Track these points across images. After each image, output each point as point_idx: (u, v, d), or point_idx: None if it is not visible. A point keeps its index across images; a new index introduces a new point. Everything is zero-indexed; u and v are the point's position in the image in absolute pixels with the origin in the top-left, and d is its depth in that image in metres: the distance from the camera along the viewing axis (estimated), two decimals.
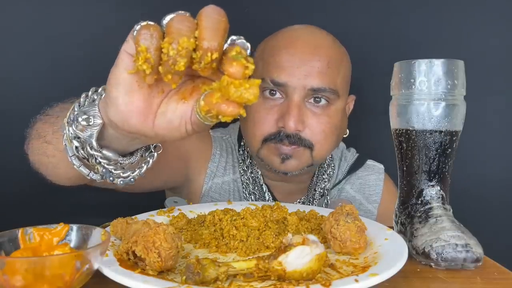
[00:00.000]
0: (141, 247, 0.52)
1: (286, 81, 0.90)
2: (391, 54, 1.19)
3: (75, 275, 0.46)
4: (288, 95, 0.91)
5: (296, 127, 0.89)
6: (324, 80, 0.90)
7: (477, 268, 0.61)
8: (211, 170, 1.04)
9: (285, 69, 0.90)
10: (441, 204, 0.67)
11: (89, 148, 0.57)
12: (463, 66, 0.68)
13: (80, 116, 0.55)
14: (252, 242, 0.65)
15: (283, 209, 0.75)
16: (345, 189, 1.10)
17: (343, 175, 1.10)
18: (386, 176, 1.13)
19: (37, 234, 0.53)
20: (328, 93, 0.91)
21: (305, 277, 0.49)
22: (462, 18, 1.30)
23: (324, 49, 0.92)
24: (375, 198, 1.10)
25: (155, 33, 0.45)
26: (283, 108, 0.91)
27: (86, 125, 0.55)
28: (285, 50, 0.92)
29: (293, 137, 0.90)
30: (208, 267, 0.49)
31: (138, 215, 0.73)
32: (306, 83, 0.89)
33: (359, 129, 1.21)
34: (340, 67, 0.94)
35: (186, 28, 0.45)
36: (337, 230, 0.62)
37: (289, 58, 0.90)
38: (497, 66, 1.31)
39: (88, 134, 0.55)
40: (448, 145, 0.68)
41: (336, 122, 0.95)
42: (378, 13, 1.31)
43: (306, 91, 0.90)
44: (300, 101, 0.90)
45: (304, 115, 0.91)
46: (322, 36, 0.95)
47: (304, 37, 0.94)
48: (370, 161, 1.14)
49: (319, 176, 1.07)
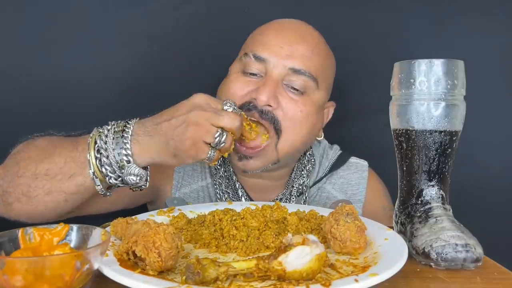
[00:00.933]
0: (141, 247, 0.52)
1: (268, 57, 0.90)
2: (391, 54, 1.19)
3: (75, 275, 0.46)
4: (267, 72, 0.90)
5: (268, 101, 0.87)
6: (305, 64, 0.90)
7: (477, 268, 0.61)
8: (176, 181, 1.02)
9: (269, 47, 0.91)
10: (441, 204, 0.67)
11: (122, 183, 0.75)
12: (463, 66, 0.68)
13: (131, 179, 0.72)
14: (252, 242, 0.65)
15: (283, 209, 0.75)
16: (326, 189, 1.06)
17: (324, 172, 1.06)
18: (370, 172, 1.09)
19: (37, 234, 0.53)
20: (307, 77, 0.90)
21: (305, 277, 0.49)
22: (462, 18, 1.30)
23: (311, 38, 0.94)
24: (359, 197, 1.06)
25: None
26: (259, 83, 0.90)
27: (139, 181, 0.73)
28: (273, 31, 0.94)
29: (266, 113, 0.88)
30: (208, 267, 0.49)
31: (138, 215, 0.73)
32: (287, 63, 0.90)
33: (359, 129, 1.21)
34: (324, 59, 0.95)
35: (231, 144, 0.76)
36: (337, 230, 0.62)
37: (275, 37, 0.92)
38: (497, 66, 1.31)
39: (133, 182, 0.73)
40: (448, 145, 0.68)
41: (310, 114, 0.92)
42: (378, 13, 1.31)
43: (286, 71, 0.90)
44: (277, 79, 0.90)
45: (279, 94, 0.89)
46: (311, 29, 0.97)
47: (293, 25, 0.96)
48: (353, 158, 1.10)
49: (297, 172, 1.02)
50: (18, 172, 0.74)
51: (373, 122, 1.22)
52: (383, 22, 1.31)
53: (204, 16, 1.26)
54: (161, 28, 1.26)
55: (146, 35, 1.25)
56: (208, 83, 1.32)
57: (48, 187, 0.73)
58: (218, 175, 1.00)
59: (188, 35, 1.27)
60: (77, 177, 0.73)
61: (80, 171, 0.72)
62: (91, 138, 0.73)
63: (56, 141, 0.78)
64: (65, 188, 0.73)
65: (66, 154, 0.73)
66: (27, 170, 0.73)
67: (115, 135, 0.72)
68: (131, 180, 0.72)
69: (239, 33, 1.02)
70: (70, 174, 0.73)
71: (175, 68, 1.27)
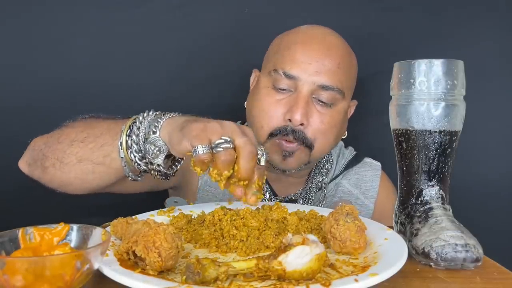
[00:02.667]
0: (141, 247, 0.52)
1: (297, 75, 0.94)
2: (391, 54, 1.19)
3: (75, 275, 0.46)
4: (297, 88, 0.95)
5: (301, 120, 0.92)
6: (333, 79, 0.94)
7: (477, 268, 0.61)
8: None
9: (298, 63, 0.94)
10: (440, 204, 0.67)
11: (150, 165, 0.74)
12: (463, 66, 0.68)
13: (151, 148, 0.71)
14: (252, 242, 0.65)
15: (283, 209, 0.74)
16: (342, 183, 1.12)
17: (340, 170, 1.13)
18: (382, 173, 1.15)
19: (37, 234, 0.53)
20: (335, 92, 0.95)
21: (305, 277, 0.49)
22: (462, 18, 1.30)
23: (337, 51, 0.97)
24: (372, 193, 1.12)
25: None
26: (291, 101, 0.94)
27: (158, 153, 0.72)
28: (300, 45, 0.96)
29: (298, 133, 0.94)
30: (208, 267, 0.49)
31: (138, 215, 0.73)
32: (315, 79, 0.94)
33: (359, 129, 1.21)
34: (349, 70, 0.99)
35: (229, 163, 0.65)
36: (337, 230, 0.62)
37: (303, 53, 0.95)
38: (497, 66, 1.31)
39: (158, 161, 0.73)
40: (448, 145, 0.68)
41: (337, 123, 0.98)
42: (378, 13, 1.31)
43: (315, 87, 0.94)
44: (308, 96, 0.94)
45: (309, 111, 0.94)
46: (336, 39, 1.00)
47: (319, 37, 0.98)
48: (367, 158, 1.16)
49: (317, 170, 1.10)
50: (59, 138, 0.79)
51: (373, 122, 1.22)
52: (383, 22, 1.31)
53: (204, 16, 1.26)
54: (161, 30, 1.26)
55: (147, 36, 1.25)
56: (208, 83, 1.33)
57: (80, 155, 0.77)
58: None
59: (188, 36, 1.27)
60: (106, 147, 0.75)
61: (111, 142, 0.75)
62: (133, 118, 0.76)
63: (102, 118, 0.82)
64: (94, 157, 0.76)
65: (105, 126, 0.77)
66: (68, 137, 0.79)
67: (152, 117, 0.74)
68: (151, 149, 0.72)
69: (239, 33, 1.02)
70: (101, 144, 0.75)
71: (176, 70, 1.28)
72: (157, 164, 0.73)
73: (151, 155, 0.72)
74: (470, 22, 1.30)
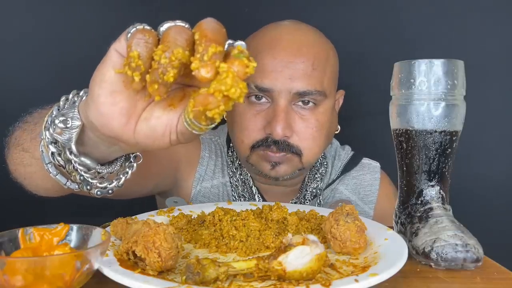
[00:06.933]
0: (141, 247, 0.52)
1: (270, 86, 0.87)
2: (391, 54, 1.19)
3: (75, 275, 0.46)
4: (273, 99, 0.88)
5: (283, 133, 0.87)
6: (310, 83, 0.88)
7: (477, 268, 0.61)
8: (199, 174, 1.01)
9: (268, 73, 0.87)
10: (441, 204, 0.67)
11: (68, 153, 0.55)
12: (463, 66, 0.68)
13: (58, 118, 0.52)
14: (252, 242, 0.65)
15: (283, 209, 0.74)
16: (339, 189, 1.06)
17: (336, 174, 1.07)
18: (382, 174, 1.10)
19: (37, 234, 0.53)
20: (315, 95, 0.89)
21: (305, 277, 0.49)
22: (462, 18, 1.30)
23: (308, 49, 0.89)
24: (371, 198, 1.07)
25: (150, 39, 0.44)
26: (270, 113, 0.88)
27: (63, 127, 0.52)
28: (267, 52, 0.88)
29: (282, 143, 0.88)
30: (208, 267, 0.49)
31: (138, 215, 0.73)
32: (291, 87, 0.87)
33: (359, 129, 1.21)
34: (326, 66, 0.91)
35: (183, 39, 0.44)
36: (337, 230, 0.62)
37: (272, 61, 0.87)
38: (497, 66, 1.31)
39: (66, 138, 0.53)
40: (448, 145, 0.68)
41: (325, 123, 0.92)
42: (378, 13, 1.31)
43: (292, 95, 0.87)
44: (286, 106, 0.88)
45: (291, 120, 0.88)
46: (306, 34, 0.92)
47: (287, 37, 0.90)
48: (365, 159, 1.11)
49: (311, 176, 1.03)
50: (11, 143, 0.68)
51: (373, 122, 1.22)
52: (383, 22, 1.31)
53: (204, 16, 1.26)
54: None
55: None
56: None
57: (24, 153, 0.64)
58: (235, 178, 1.01)
59: None
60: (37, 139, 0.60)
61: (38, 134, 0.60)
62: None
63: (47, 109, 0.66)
64: (35, 154, 0.62)
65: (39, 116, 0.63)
66: (16, 140, 0.67)
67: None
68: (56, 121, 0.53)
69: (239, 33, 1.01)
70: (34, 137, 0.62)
71: None
72: (69, 150, 0.54)
73: (56, 129, 0.53)
74: (471, 22, 1.30)
